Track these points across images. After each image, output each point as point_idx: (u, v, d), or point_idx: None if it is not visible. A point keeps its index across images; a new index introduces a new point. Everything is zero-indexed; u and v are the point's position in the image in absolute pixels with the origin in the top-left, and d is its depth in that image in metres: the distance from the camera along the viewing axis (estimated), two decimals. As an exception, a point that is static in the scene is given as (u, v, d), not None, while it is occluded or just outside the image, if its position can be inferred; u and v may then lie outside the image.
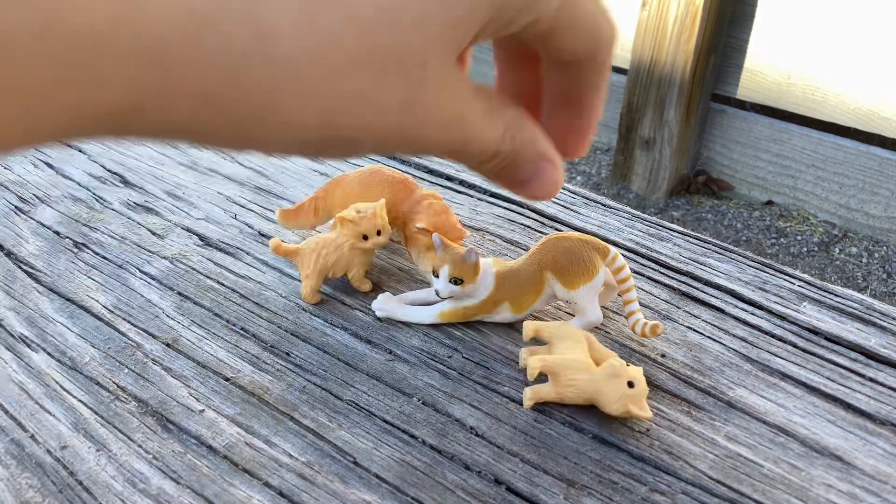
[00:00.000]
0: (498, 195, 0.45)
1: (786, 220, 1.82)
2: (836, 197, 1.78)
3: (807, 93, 1.74)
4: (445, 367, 0.32)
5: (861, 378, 0.33)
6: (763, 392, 0.32)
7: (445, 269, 0.33)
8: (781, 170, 1.84)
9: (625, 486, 0.27)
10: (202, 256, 0.39)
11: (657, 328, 0.33)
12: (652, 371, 0.33)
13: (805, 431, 0.30)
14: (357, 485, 0.27)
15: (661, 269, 0.39)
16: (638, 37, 1.84)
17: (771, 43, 1.75)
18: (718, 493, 0.27)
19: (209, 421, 0.29)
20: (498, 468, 0.28)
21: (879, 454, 0.29)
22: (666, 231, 0.42)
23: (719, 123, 1.89)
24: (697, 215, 1.85)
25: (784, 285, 0.38)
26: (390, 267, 0.39)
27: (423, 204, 0.37)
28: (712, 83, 1.87)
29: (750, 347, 0.34)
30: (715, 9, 1.73)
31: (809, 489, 0.28)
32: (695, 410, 0.31)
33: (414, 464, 0.28)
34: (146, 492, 0.27)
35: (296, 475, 0.27)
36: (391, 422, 0.30)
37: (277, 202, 0.44)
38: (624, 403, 0.29)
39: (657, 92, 1.83)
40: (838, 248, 1.73)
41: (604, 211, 0.44)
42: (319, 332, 0.34)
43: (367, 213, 0.35)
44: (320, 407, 0.30)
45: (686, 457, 0.29)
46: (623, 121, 1.94)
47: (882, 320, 0.36)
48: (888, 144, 1.73)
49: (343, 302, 0.36)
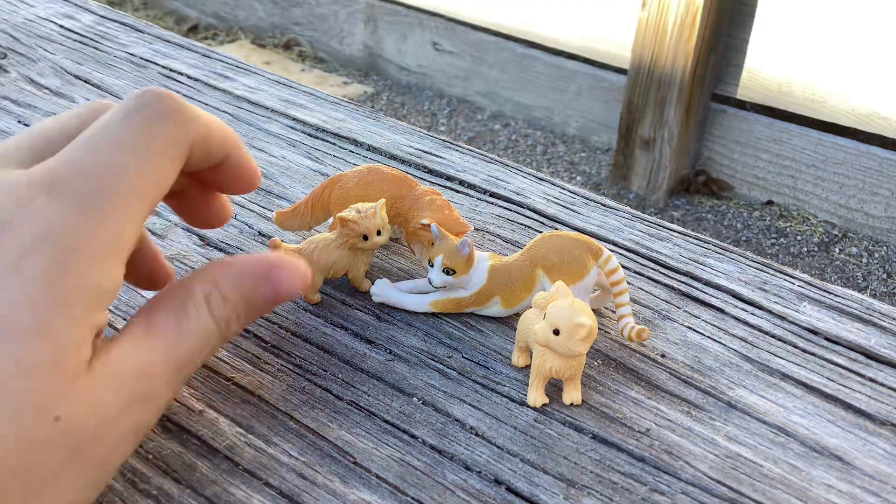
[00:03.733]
0: (498, 195, 0.45)
1: (786, 220, 1.82)
2: (836, 197, 1.78)
3: (807, 93, 1.74)
4: (445, 367, 0.32)
5: (861, 378, 0.33)
6: (763, 392, 0.32)
7: (440, 259, 0.33)
8: (781, 170, 1.84)
9: (625, 486, 0.27)
10: (202, 256, 0.39)
11: (642, 333, 0.33)
12: (652, 371, 0.33)
13: (805, 431, 0.30)
14: (357, 485, 0.27)
15: (661, 269, 0.39)
16: (638, 37, 1.84)
17: (771, 43, 1.76)
18: (718, 493, 0.27)
19: (209, 421, 0.29)
20: (498, 468, 0.28)
21: (879, 454, 0.29)
22: (666, 231, 0.42)
23: (719, 123, 1.89)
24: (697, 215, 1.85)
25: (784, 285, 0.38)
26: (390, 267, 0.39)
27: (425, 200, 0.37)
28: (712, 83, 1.87)
29: (750, 347, 0.34)
30: (715, 9, 1.73)
31: (809, 489, 0.28)
32: (695, 410, 0.31)
33: (414, 464, 0.28)
34: (146, 492, 0.27)
35: (296, 475, 0.27)
36: (391, 422, 0.30)
37: (277, 202, 0.44)
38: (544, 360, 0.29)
39: (657, 92, 1.83)
40: (838, 248, 1.73)
41: (604, 211, 0.44)
42: (319, 332, 0.34)
43: (368, 212, 0.35)
44: (320, 407, 0.30)
45: (686, 457, 0.29)
46: (623, 121, 1.94)
47: (882, 320, 0.36)
48: (888, 144, 1.73)
49: (343, 302, 0.36)
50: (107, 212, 0.23)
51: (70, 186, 0.23)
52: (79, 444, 0.21)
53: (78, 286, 0.22)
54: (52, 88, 0.55)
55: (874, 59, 1.62)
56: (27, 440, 0.20)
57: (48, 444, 0.21)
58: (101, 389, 0.22)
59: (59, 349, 0.21)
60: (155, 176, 0.24)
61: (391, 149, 0.49)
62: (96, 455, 0.22)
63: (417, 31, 2.31)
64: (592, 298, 0.36)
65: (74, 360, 0.22)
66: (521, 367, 0.32)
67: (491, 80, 2.22)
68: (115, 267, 0.23)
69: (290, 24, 2.59)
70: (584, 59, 2.03)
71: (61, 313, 0.21)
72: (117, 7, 2.37)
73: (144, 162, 0.24)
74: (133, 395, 0.23)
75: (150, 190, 0.24)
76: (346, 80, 2.42)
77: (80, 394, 0.21)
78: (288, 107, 0.54)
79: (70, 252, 0.22)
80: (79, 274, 0.22)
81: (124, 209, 0.23)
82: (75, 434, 0.21)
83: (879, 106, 1.64)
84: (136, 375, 0.23)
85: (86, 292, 0.22)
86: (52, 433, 0.21)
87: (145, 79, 0.57)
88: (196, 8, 2.80)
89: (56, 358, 0.21)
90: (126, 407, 0.23)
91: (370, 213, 0.35)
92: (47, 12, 0.68)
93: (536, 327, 0.30)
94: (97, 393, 0.22)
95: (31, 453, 0.20)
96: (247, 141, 0.50)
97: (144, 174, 0.24)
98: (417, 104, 2.29)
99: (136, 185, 0.23)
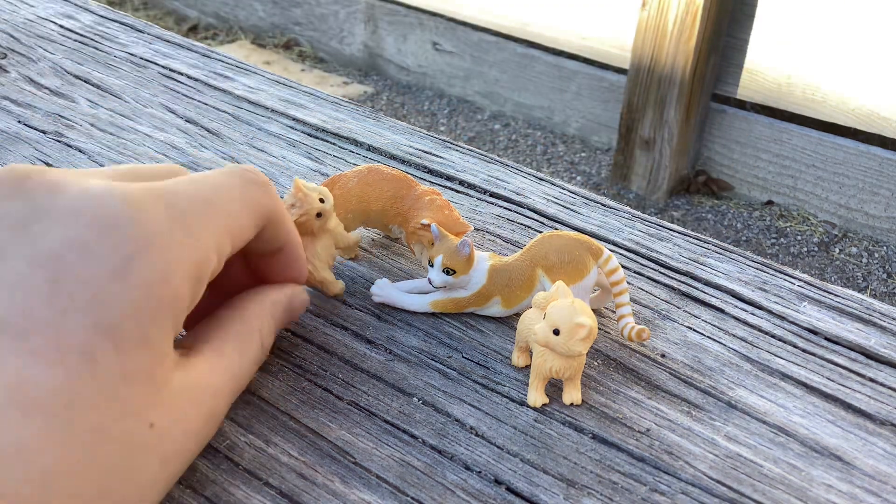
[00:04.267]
0: (498, 195, 0.45)
1: (786, 220, 1.82)
2: (836, 197, 1.78)
3: (807, 93, 1.74)
4: (445, 367, 0.32)
5: (861, 378, 0.33)
6: (763, 392, 0.32)
7: (440, 259, 0.33)
8: (781, 170, 1.84)
9: (625, 486, 0.27)
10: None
11: (642, 333, 0.33)
12: (652, 371, 0.33)
13: (805, 431, 0.30)
14: (357, 485, 0.27)
15: (661, 269, 0.39)
16: (638, 37, 1.84)
17: (771, 43, 1.76)
18: (718, 493, 0.27)
19: (209, 421, 0.29)
20: (498, 468, 0.28)
21: (879, 454, 0.29)
22: (666, 231, 0.42)
23: (719, 123, 1.89)
24: (697, 215, 1.85)
25: (784, 285, 0.38)
26: (390, 267, 0.39)
27: (425, 200, 0.37)
28: (712, 83, 1.87)
29: (750, 347, 0.34)
30: (715, 9, 1.73)
31: (809, 489, 0.28)
32: (695, 410, 0.31)
33: (414, 464, 0.28)
34: (146, 492, 0.27)
35: (296, 475, 0.27)
36: (391, 422, 0.30)
37: (277, 202, 0.44)
38: (544, 360, 0.29)
39: (657, 92, 1.83)
40: (838, 248, 1.73)
41: (604, 211, 0.44)
42: (319, 332, 0.34)
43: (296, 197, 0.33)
44: (320, 407, 0.30)
45: (686, 457, 0.29)
46: (623, 121, 1.94)
47: (882, 320, 0.36)
48: (888, 144, 1.73)
49: (344, 301, 0.36)
50: (204, 235, 0.24)
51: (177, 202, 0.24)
52: (168, 453, 0.23)
53: (174, 299, 0.23)
54: (52, 88, 0.55)
55: (874, 60, 1.62)
56: (131, 444, 0.21)
57: (145, 450, 0.22)
58: (186, 405, 0.24)
59: (156, 359, 0.22)
60: (241, 221, 0.26)
61: (391, 149, 0.49)
62: (179, 464, 0.24)
63: (417, 31, 2.31)
64: (592, 298, 0.36)
65: (164, 371, 0.23)
66: (521, 367, 0.32)
67: (491, 80, 2.22)
68: (199, 287, 0.24)
69: (290, 24, 2.59)
70: (583, 59, 2.03)
71: (159, 324, 0.22)
72: (117, 7, 2.37)
73: (234, 206, 0.26)
74: (210, 412, 0.25)
75: (236, 232, 0.26)
76: (346, 80, 2.42)
77: (168, 405, 0.23)
78: (288, 107, 0.54)
79: (171, 263, 0.23)
80: (175, 286, 0.23)
81: (217, 238, 0.25)
82: (166, 442, 0.22)
83: (879, 106, 1.64)
84: (212, 395, 0.25)
85: (177, 305, 0.23)
86: (148, 440, 0.22)
87: (145, 79, 0.57)
88: (196, 8, 2.80)
89: (153, 367, 0.22)
90: (205, 422, 0.25)
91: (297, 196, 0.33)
92: (47, 12, 0.68)
93: (536, 327, 0.30)
94: (182, 407, 0.23)
95: (133, 458, 0.21)
96: (247, 141, 0.50)
97: (234, 216, 0.26)
98: (417, 104, 2.29)
99: (228, 222, 0.26)
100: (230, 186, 0.26)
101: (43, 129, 0.50)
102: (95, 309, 0.21)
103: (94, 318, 0.21)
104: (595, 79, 2.02)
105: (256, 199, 0.27)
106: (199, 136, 0.50)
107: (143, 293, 0.22)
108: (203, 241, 0.24)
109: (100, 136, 0.50)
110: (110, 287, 0.21)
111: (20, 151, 0.47)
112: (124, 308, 0.21)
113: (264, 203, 0.27)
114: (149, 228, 0.22)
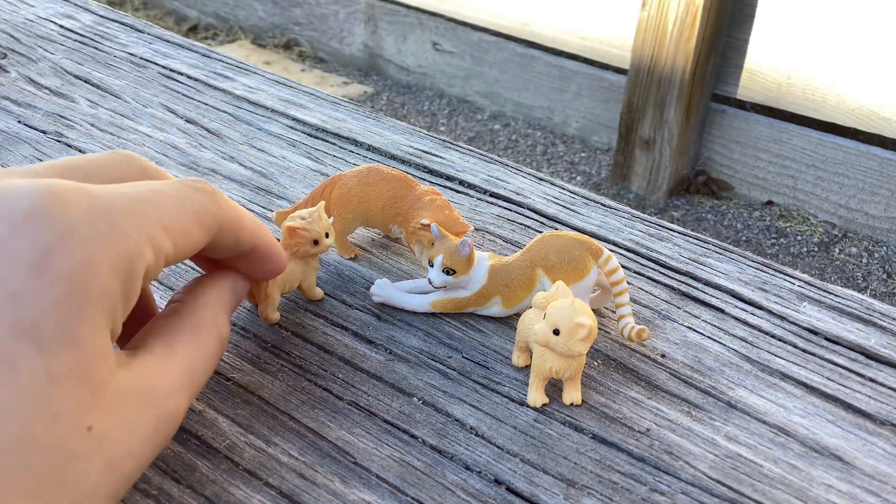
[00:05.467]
0: (498, 195, 0.45)
1: (786, 220, 1.82)
2: (836, 197, 1.78)
3: (807, 93, 1.74)
4: (445, 367, 0.32)
5: (861, 378, 0.33)
6: (763, 392, 0.32)
7: (439, 259, 0.33)
8: (781, 170, 1.84)
9: (625, 486, 0.27)
10: (202, 256, 0.39)
11: (642, 333, 0.33)
12: (652, 371, 0.33)
13: (805, 431, 0.30)
14: (357, 485, 0.27)
15: (661, 269, 0.39)
16: (638, 37, 1.84)
17: (771, 43, 1.75)
18: (718, 493, 0.27)
19: (209, 421, 0.29)
20: (498, 468, 0.28)
21: (879, 454, 0.29)
22: (666, 231, 0.42)
23: (719, 123, 1.89)
24: (697, 215, 1.85)
25: (784, 285, 0.38)
26: (390, 267, 0.39)
27: (425, 200, 0.37)
28: (712, 83, 1.87)
29: (750, 347, 0.34)
30: (715, 9, 1.73)
31: (809, 489, 0.28)
32: (695, 410, 0.31)
33: (414, 464, 0.28)
34: (146, 491, 0.27)
35: (296, 475, 0.27)
36: (391, 422, 0.30)
37: (277, 202, 0.44)
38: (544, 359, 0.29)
39: (657, 92, 1.83)
40: (838, 248, 1.73)
41: (604, 211, 0.44)
42: (319, 332, 0.34)
43: (312, 217, 0.34)
44: (320, 407, 0.30)
45: (686, 457, 0.29)
46: (623, 121, 1.94)
47: (882, 320, 0.36)
48: (888, 144, 1.73)
49: (343, 302, 0.36)
50: (133, 229, 0.23)
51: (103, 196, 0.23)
52: (114, 457, 0.22)
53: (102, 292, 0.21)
54: (52, 88, 0.55)
55: (874, 59, 1.62)
56: (65, 450, 0.20)
57: (83, 455, 0.21)
58: (132, 406, 0.22)
59: (88, 358, 0.21)
60: (183, 224, 0.25)
61: (391, 149, 0.49)
62: (128, 468, 0.22)
63: (417, 31, 2.31)
64: (592, 298, 0.36)
65: (102, 370, 0.22)
66: (521, 367, 0.32)
67: (491, 80, 2.22)
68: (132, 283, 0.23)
69: (290, 24, 2.59)
70: (583, 59, 2.03)
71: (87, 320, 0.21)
72: (117, 7, 2.37)
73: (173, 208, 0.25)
74: (161, 413, 0.24)
75: (178, 233, 0.25)
76: (346, 80, 2.42)
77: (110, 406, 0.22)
78: (288, 107, 0.54)
79: (94, 254, 0.21)
80: (101, 278, 0.21)
81: (150, 233, 0.23)
82: (111, 446, 0.21)
83: (879, 106, 1.64)
84: (164, 394, 0.24)
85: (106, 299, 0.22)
86: (86, 444, 0.21)
87: (145, 79, 0.57)
88: (196, 8, 2.80)
89: (85, 367, 0.21)
90: (157, 423, 0.23)
91: (315, 216, 0.34)
92: (47, 12, 0.68)
93: (536, 327, 0.30)
94: (128, 409, 0.22)
95: (69, 463, 0.20)
96: (247, 141, 0.50)
97: (174, 217, 0.25)
98: (417, 104, 2.29)
99: (166, 222, 0.24)
100: (169, 191, 0.25)
101: (43, 129, 0.50)
102: (11, 309, 0.20)
103: (10, 319, 0.20)
104: (595, 79, 2.02)
105: (203, 206, 0.26)
106: (199, 136, 0.50)
107: (64, 288, 0.20)
108: (132, 235, 0.23)
109: (100, 136, 0.50)
110: (27, 284, 0.20)
111: (20, 152, 0.47)
112: (44, 305, 0.20)
113: (212, 211, 0.26)
114: (68, 220, 0.21)
